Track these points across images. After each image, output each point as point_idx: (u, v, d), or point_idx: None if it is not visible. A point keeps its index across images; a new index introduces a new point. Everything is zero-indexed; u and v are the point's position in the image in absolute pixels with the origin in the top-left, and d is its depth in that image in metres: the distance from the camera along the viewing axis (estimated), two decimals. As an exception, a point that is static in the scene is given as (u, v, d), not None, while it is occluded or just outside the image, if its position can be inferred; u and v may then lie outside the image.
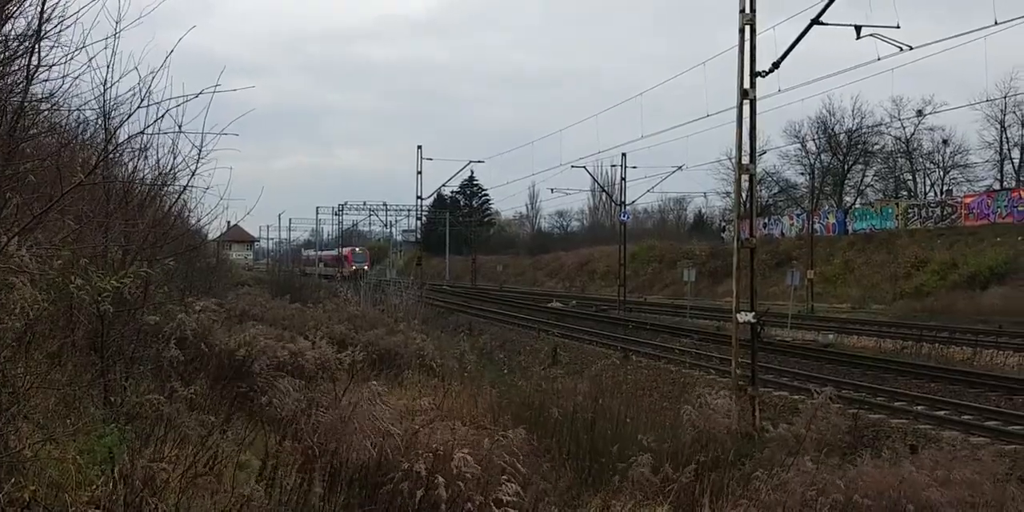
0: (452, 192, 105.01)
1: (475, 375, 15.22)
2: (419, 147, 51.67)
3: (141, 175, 9.61)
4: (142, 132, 7.10)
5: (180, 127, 8.35)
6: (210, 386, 7.78)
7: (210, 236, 22.68)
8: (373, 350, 14.95)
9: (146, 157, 9.59)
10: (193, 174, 8.51)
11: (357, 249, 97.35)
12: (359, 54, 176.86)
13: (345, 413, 6.55)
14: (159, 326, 7.59)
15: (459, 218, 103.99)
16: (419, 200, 53.95)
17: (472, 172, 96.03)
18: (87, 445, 5.32)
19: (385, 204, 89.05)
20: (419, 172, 51.59)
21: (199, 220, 14.72)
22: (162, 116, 6.82)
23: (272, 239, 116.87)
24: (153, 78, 6.93)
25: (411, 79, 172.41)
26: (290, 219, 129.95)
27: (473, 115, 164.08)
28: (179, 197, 9.98)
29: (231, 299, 21.53)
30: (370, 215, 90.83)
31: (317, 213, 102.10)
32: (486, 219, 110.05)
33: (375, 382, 7.40)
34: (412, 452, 5.95)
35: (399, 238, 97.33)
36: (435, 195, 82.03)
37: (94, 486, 4.92)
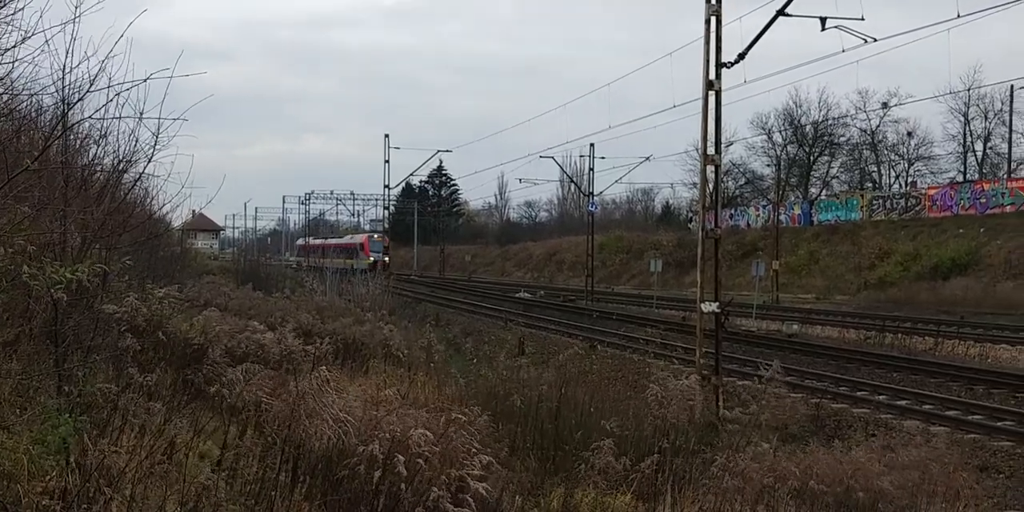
0: (421, 181, 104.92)
1: (441, 365, 15.21)
2: (387, 136, 51.43)
3: (101, 162, 9.51)
4: (89, 117, 6.99)
5: (141, 114, 8.27)
6: (169, 375, 7.70)
7: (174, 224, 22.46)
8: (339, 340, 14.88)
9: (106, 144, 9.48)
10: (149, 160, 8.41)
11: (375, 236, 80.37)
12: (328, 40, 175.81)
13: (307, 401, 6.50)
14: (118, 315, 7.50)
15: (427, 208, 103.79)
16: (387, 189, 53.80)
17: (441, 161, 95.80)
18: (41, 435, 5.25)
19: (353, 193, 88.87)
20: (387, 161, 51.39)
21: (161, 208, 14.56)
22: (112, 100, 6.72)
23: (238, 228, 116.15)
24: (111, 63, 6.85)
25: (379, 66, 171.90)
26: (256, 208, 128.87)
27: (442, 104, 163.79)
28: (136, 184, 9.86)
29: (195, 288, 21.34)
30: (337, 204, 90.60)
31: (283, 202, 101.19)
32: (455, 209, 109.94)
33: (327, 369, 7.33)
34: (372, 437, 5.91)
35: (367, 228, 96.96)
36: (403, 184, 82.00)
37: (48, 476, 4.86)
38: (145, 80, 6.54)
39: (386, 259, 77.03)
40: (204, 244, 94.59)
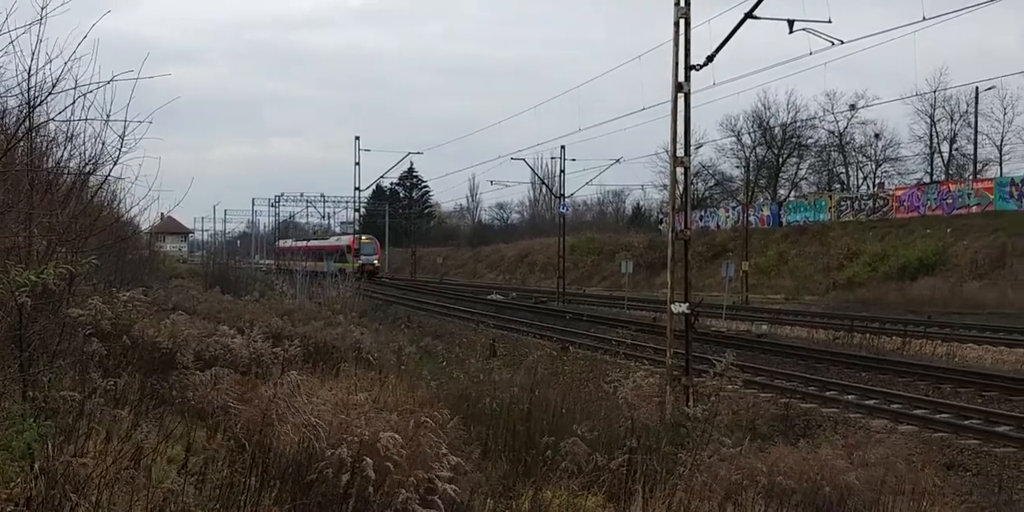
0: (391, 184, 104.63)
1: (412, 368, 15.16)
2: (357, 138, 51.39)
3: (67, 164, 9.41)
4: (54, 119, 6.93)
5: (108, 116, 8.19)
6: (136, 379, 7.63)
7: (142, 227, 22.28)
8: (310, 343, 14.80)
9: (72, 146, 9.38)
10: (116, 163, 8.34)
11: (364, 238, 76.13)
12: (295, 42, 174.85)
13: (277, 405, 6.47)
14: (83, 319, 7.43)
15: (399, 210, 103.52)
16: (357, 191, 53.73)
17: (412, 163, 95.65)
18: (5, 441, 5.18)
19: (323, 195, 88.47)
20: (357, 163, 51.33)
21: (129, 211, 14.43)
22: (78, 101, 6.66)
23: (207, 231, 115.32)
24: (77, 65, 6.79)
25: (349, 68, 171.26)
26: (225, 210, 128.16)
27: (413, 106, 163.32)
28: (103, 186, 9.78)
29: (163, 291, 21.17)
30: (307, 206, 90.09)
31: (253, 204, 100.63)
32: (426, 211, 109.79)
33: (297, 372, 7.29)
34: (341, 441, 5.88)
35: (338, 230, 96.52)
36: (374, 186, 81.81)
37: (12, 483, 4.80)
38: (110, 81, 6.50)
39: (376, 262, 74.71)
40: (173, 247, 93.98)
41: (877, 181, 65.58)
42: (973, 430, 14.03)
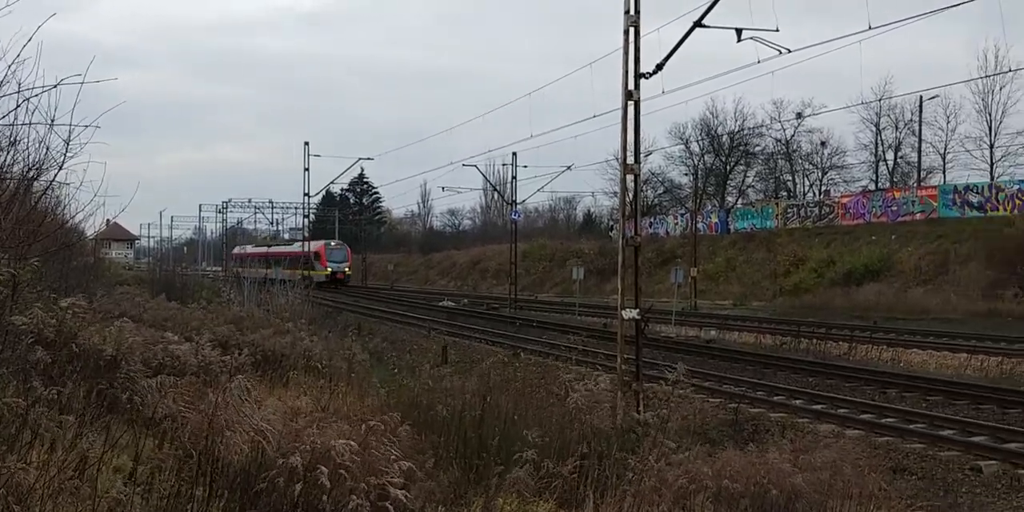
0: (342, 190, 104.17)
1: (363, 375, 15.07)
2: (306, 143, 50.94)
3: (10, 170, 9.22)
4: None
5: (52, 120, 8.04)
6: (82, 388, 7.50)
7: (87, 234, 21.87)
8: (258, 351, 14.63)
9: (15, 151, 9.19)
10: (61, 168, 8.18)
11: (332, 243, 72.76)
12: (244, 47, 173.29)
13: (225, 413, 6.39)
14: (24, 326, 7.28)
15: (349, 216, 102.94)
16: (307, 197, 53.26)
17: (362, 169, 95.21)
18: (-55, 452, 5.07)
19: (271, 201, 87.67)
20: (306, 169, 50.92)
21: (74, 217, 14.16)
22: (21, 105, 6.53)
23: (154, 237, 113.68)
24: (21, 68, 6.67)
25: (298, 73, 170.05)
26: (172, 216, 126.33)
27: (363, 112, 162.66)
28: (45, 192, 9.59)
29: (108, 298, 20.80)
30: (255, 213, 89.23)
31: (200, 210, 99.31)
32: (376, 217, 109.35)
33: (244, 377, 7.21)
34: (293, 450, 5.83)
35: (286, 237, 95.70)
36: (324, 192, 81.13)
37: (-48, 495, 4.69)
38: (56, 85, 6.38)
39: (347, 269, 70.61)
40: (119, 254, 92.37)
41: (823, 188, 66.61)
42: (918, 434, 14.25)
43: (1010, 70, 50.97)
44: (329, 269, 68.16)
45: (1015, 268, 38.73)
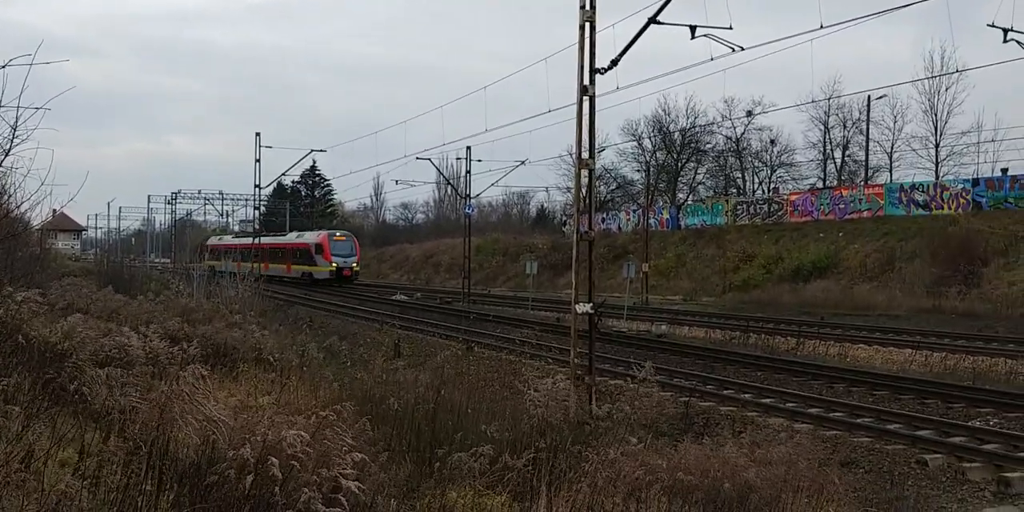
0: (293, 182, 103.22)
1: (315, 369, 14.95)
2: (257, 134, 50.32)
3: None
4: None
5: (-1, 103, 7.86)
6: (28, 379, 7.35)
7: (33, 224, 21.45)
8: (209, 344, 14.46)
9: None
10: (6, 154, 8.00)
11: (337, 233, 63.57)
12: (194, 38, 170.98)
13: (174, 405, 6.30)
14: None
15: (300, 208, 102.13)
16: (257, 189, 52.63)
17: (314, 162, 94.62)
18: None
19: (222, 193, 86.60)
20: (257, 160, 50.32)
21: (19, 206, 13.87)
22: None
23: (101, 228, 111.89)
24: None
25: (250, 65, 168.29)
26: (120, 207, 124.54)
27: (315, 104, 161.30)
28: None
29: (55, 290, 20.44)
30: (205, 204, 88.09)
31: (149, 201, 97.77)
32: (328, 210, 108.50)
33: (195, 367, 7.11)
34: (243, 442, 5.75)
35: (236, 228, 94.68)
36: (275, 184, 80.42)
37: None
38: (4, 67, 6.22)
39: (355, 265, 61.39)
40: (65, 245, 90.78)
41: (772, 186, 67.41)
42: (865, 428, 14.44)
43: (956, 71, 52.04)
44: (334, 264, 59.57)
45: (958, 266, 39.48)
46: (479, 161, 54.58)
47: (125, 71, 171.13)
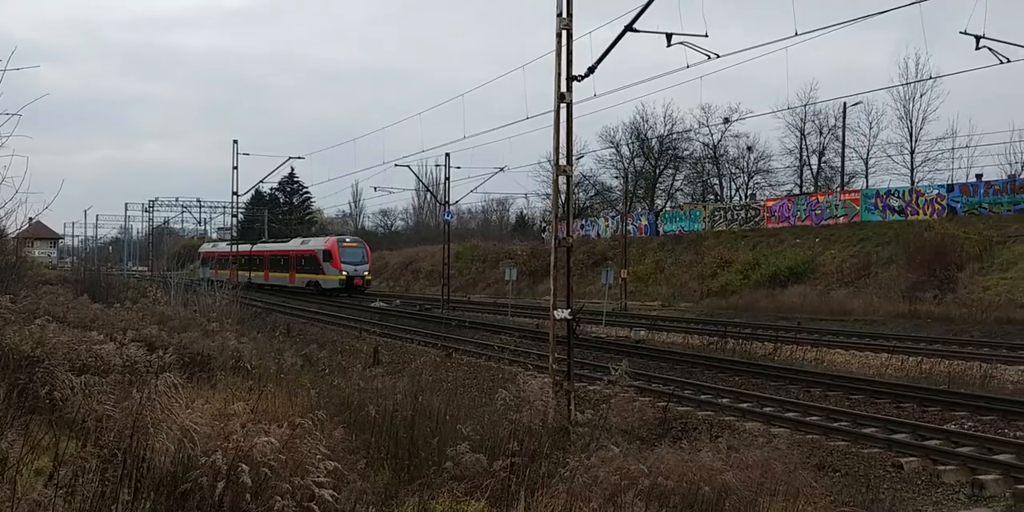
0: (271, 189, 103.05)
1: (293, 377, 14.91)
2: (235, 141, 50.10)
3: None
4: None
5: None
6: (2, 388, 7.30)
7: (9, 232, 21.32)
8: (186, 352, 14.39)
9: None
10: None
11: (347, 239, 60.02)
12: (169, 43, 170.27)
13: (150, 412, 6.27)
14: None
15: (279, 216, 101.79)
16: (235, 196, 52.33)
17: (292, 169, 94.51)
18: None
19: (199, 200, 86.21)
20: (235, 167, 50.05)
21: (-7, 215, 13.80)
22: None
23: (78, 237, 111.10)
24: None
25: (226, 71, 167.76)
26: (97, 215, 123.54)
27: (293, 110, 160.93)
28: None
29: (31, 298, 20.27)
30: (183, 212, 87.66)
31: (126, 209, 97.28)
32: (307, 217, 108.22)
33: (171, 375, 7.08)
34: (215, 448, 5.74)
35: (214, 236, 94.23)
36: (253, 192, 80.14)
37: None
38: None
39: (367, 274, 57.90)
40: (41, 253, 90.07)
41: (749, 192, 67.78)
42: (842, 432, 14.56)
43: (930, 78, 52.53)
44: (344, 273, 55.86)
45: (934, 271, 39.82)
46: (458, 168, 54.60)
47: (99, 77, 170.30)
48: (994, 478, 11.75)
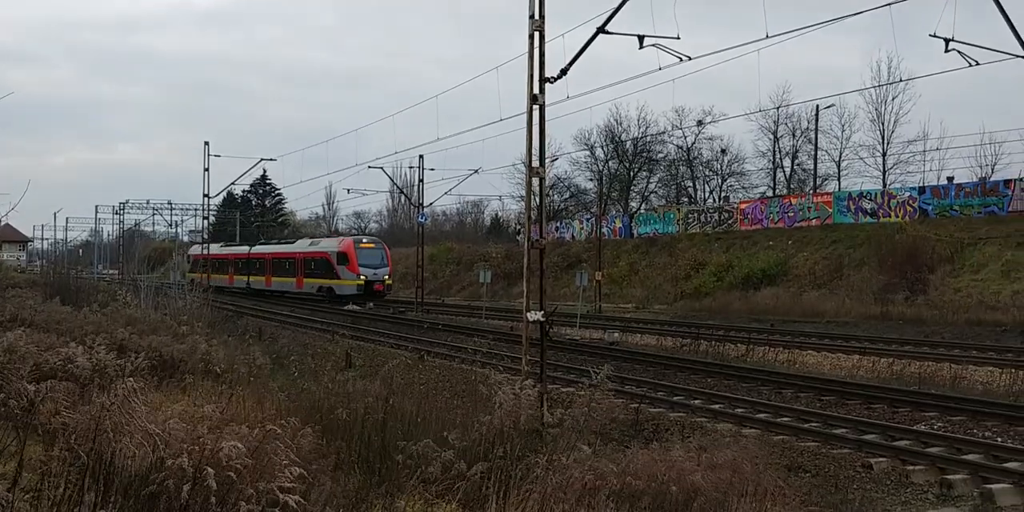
0: (243, 191, 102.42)
1: (264, 380, 14.83)
2: (206, 143, 49.74)
3: None
4: None
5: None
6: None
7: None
8: (156, 356, 14.29)
9: None
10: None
11: (364, 239, 55.41)
12: (139, 44, 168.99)
13: (115, 415, 6.22)
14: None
15: (251, 218, 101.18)
16: (206, 199, 51.95)
17: (264, 170, 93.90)
18: None
19: (170, 203, 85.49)
20: (206, 169, 49.71)
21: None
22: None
23: (47, 239, 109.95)
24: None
25: (198, 73, 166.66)
26: (67, 218, 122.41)
27: (265, 112, 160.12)
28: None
29: (-2, 302, 20.06)
30: (154, 214, 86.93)
31: (97, 212, 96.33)
32: (280, 219, 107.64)
33: (134, 380, 7.03)
34: (181, 451, 5.70)
35: (186, 239, 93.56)
36: (225, 194, 79.64)
37: None
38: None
39: (387, 278, 52.55)
40: (10, 256, 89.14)
41: (723, 195, 68.19)
42: (812, 433, 14.63)
43: (901, 80, 53.04)
44: (363, 277, 50.45)
45: (906, 273, 40.16)
46: (432, 170, 54.54)
47: (68, 79, 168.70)
48: (962, 478, 11.86)
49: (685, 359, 24.52)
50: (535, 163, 14.95)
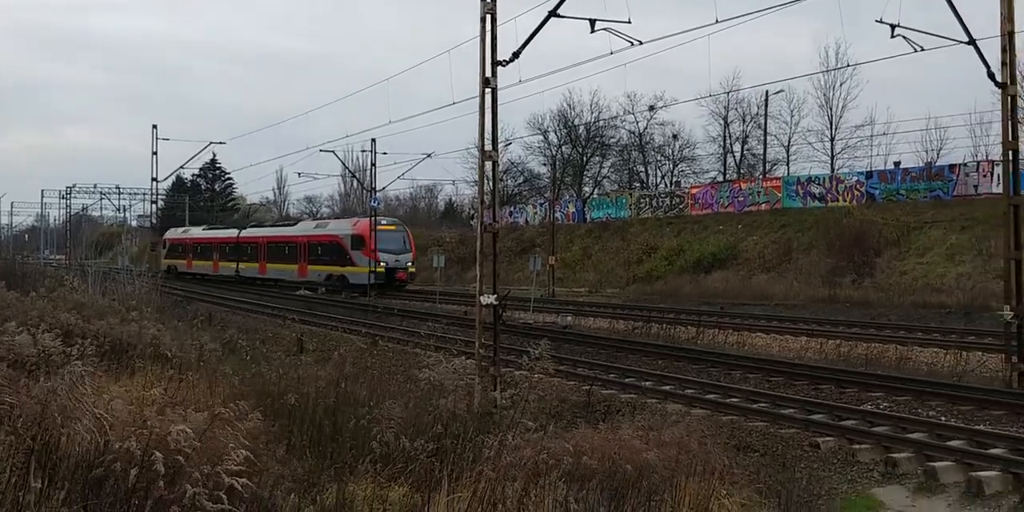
0: (193, 175, 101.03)
1: (214, 364, 14.71)
2: (154, 126, 48.97)
3: None
4: None
5: None
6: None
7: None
8: (104, 341, 14.11)
9: None
10: None
11: (384, 221, 47.49)
12: (86, 25, 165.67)
13: (61, 399, 6.15)
14: None
15: (201, 203, 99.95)
16: (155, 183, 51.17)
17: (214, 154, 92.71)
18: None
19: (118, 187, 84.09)
20: (154, 153, 48.94)
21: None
22: None
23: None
24: None
25: (147, 54, 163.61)
26: (12, 202, 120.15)
27: (214, 96, 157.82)
28: None
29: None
30: (101, 199, 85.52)
31: (43, 196, 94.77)
32: (230, 204, 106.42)
33: (81, 364, 6.95)
34: (129, 435, 5.65)
35: (134, 224, 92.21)
36: (174, 178, 78.49)
37: None
38: None
39: (410, 265, 46.82)
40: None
41: (674, 180, 68.65)
42: (761, 413, 14.83)
43: (848, 66, 53.65)
44: (383, 264, 44.40)
45: (853, 256, 40.82)
46: (384, 153, 54.38)
47: (11, 59, 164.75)
48: (907, 456, 12.10)
49: (637, 342, 24.71)
50: (488, 146, 14.97)
